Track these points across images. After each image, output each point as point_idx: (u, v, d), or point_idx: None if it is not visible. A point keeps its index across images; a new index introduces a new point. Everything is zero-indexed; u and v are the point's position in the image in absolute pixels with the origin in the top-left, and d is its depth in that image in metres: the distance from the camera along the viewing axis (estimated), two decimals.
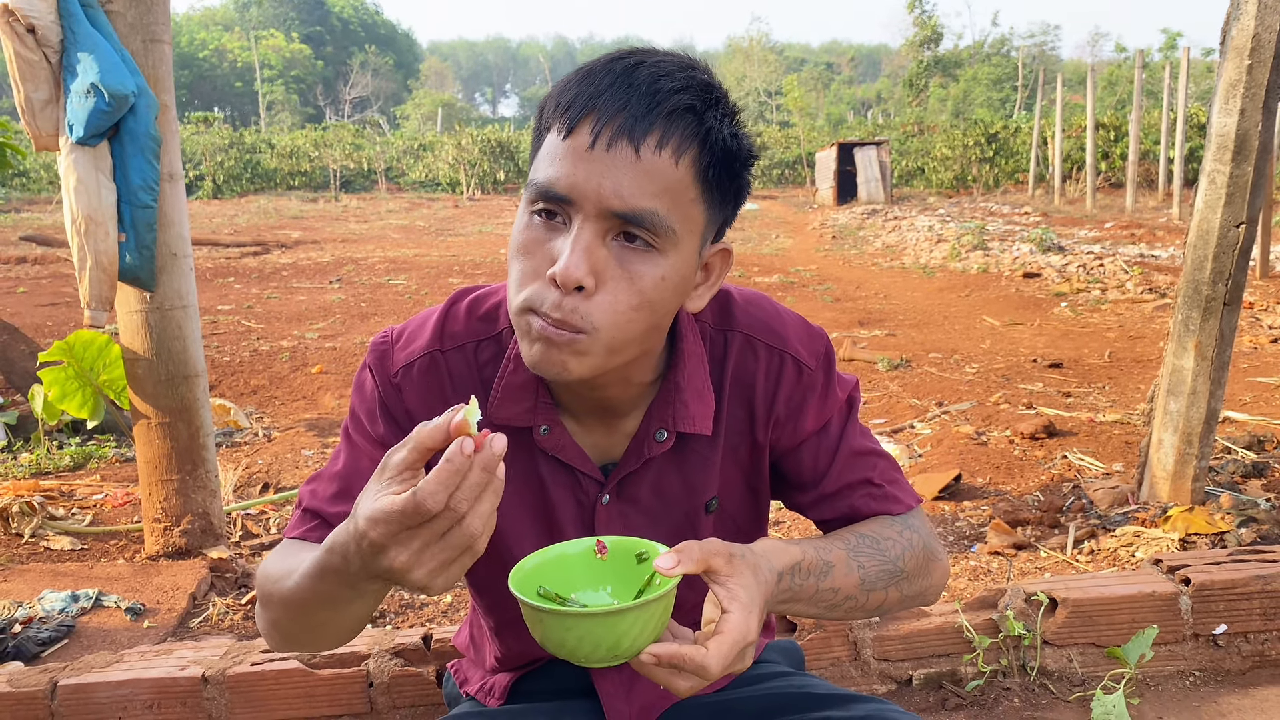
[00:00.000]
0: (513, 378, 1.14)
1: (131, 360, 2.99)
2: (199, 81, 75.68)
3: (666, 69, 0.98)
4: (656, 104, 0.96)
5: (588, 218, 0.97)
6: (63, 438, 4.78)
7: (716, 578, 0.94)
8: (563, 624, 0.88)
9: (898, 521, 1.21)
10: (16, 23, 2.56)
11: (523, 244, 1.02)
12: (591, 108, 0.96)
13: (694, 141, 0.98)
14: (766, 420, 1.21)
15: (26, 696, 1.96)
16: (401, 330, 1.21)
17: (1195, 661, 2.17)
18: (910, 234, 16.06)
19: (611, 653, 0.89)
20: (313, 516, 1.17)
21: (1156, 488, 3.24)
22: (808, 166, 35.07)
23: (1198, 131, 24.25)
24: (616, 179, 0.96)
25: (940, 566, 1.23)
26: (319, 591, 0.98)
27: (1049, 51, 73.91)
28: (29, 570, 3.00)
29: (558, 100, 1.00)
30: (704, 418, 1.17)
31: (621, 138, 0.95)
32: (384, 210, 25.93)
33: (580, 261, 0.96)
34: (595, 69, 0.99)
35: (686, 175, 0.99)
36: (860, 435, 1.25)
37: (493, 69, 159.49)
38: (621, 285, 0.99)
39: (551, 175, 0.98)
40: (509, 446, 0.96)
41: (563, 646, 0.90)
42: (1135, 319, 8.01)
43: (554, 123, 1.00)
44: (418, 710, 2.03)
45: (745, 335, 1.20)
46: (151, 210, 2.77)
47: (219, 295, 10.34)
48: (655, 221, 0.97)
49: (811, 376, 1.21)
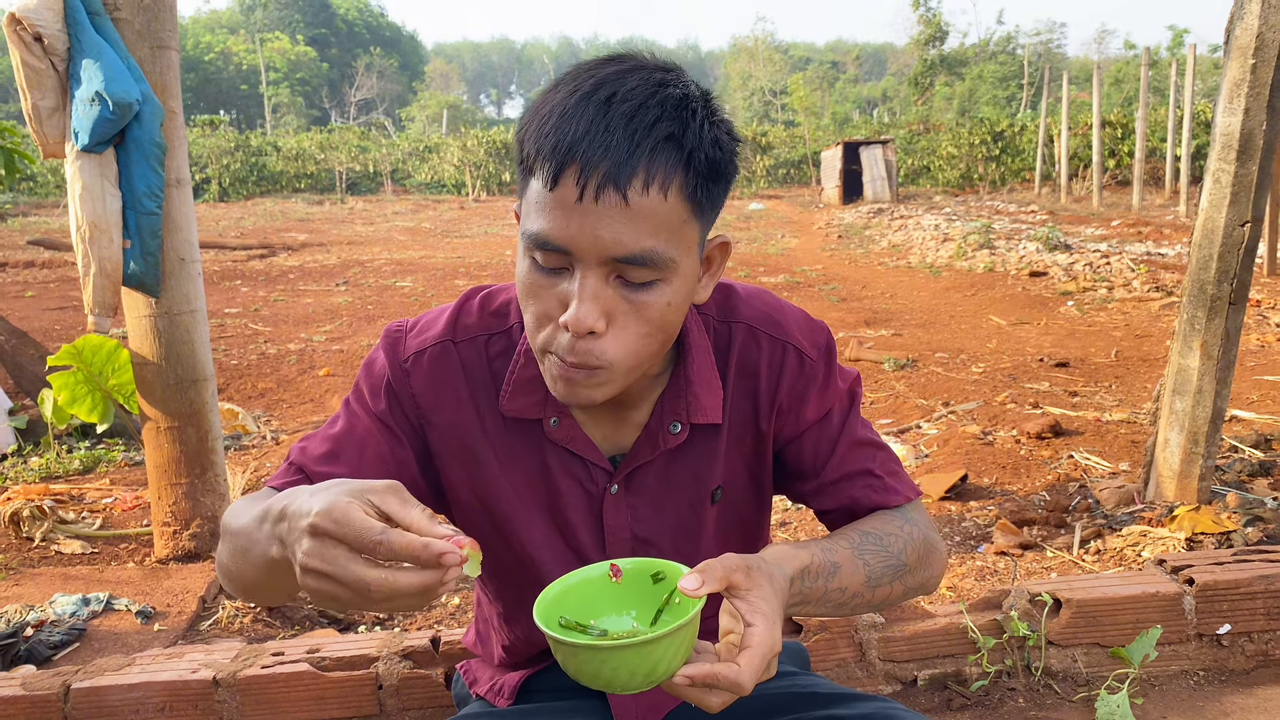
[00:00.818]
0: (523, 372, 1.18)
1: (140, 365, 3.01)
2: (205, 85, 75.86)
3: (640, 96, 0.97)
4: (636, 145, 0.95)
5: (589, 265, 0.99)
6: (72, 442, 4.81)
7: (737, 592, 0.95)
8: (598, 657, 0.88)
9: (898, 515, 1.23)
10: (24, 31, 2.58)
11: (529, 288, 1.04)
12: (572, 157, 0.95)
13: (678, 169, 0.98)
14: (770, 410, 1.23)
15: (40, 699, 1.98)
16: (415, 321, 1.24)
17: (1199, 661, 2.18)
18: (916, 233, 16.05)
19: (648, 679, 0.89)
20: (297, 471, 1.18)
21: (1163, 487, 3.25)
22: (813, 166, 35.03)
23: (1205, 129, 24.17)
24: (611, 229, 0.96)
25: (939, 557, 1.25)
26: (253, 536, 0.98)
27: (1055, 49, 73.72)
28: (40, 574, 3.02)
29: (538, 145, 0.98)
30: (714, 408, 1.20)
31: (608, 186, 0.95)
32: (390, 212, 25.98)
33: (590, 310, 0.99)
34: (569, 109, 0.97)
35: (676, 203, 0.99)
36: (861, 426, 1.28)
37: (498, 70, 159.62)
38: (631, 320, 1.02)
39: (544, 227, 0.98)
40: (520, 438, 1.04)
41: (598, 678, 0.89)
42: (1142, 317, 8.00)
43: (537, 168, 0.99)
44: (427, 712, 2.04)
45: (748, 326, 1.23)
46: (156, 217, 2.79)
47: (226, 298, 10.38)
48: (655, 258, 0.99)
49: (813, 367, 1.23)
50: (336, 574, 0.83)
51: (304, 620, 2.81)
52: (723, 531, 1.29)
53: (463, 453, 1.21)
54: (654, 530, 1.24)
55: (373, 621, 2.83)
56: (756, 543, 1.36)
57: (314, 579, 0.85)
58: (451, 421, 1.20)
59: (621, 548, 1.24)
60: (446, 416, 1.20)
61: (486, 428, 1.20)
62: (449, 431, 1.20)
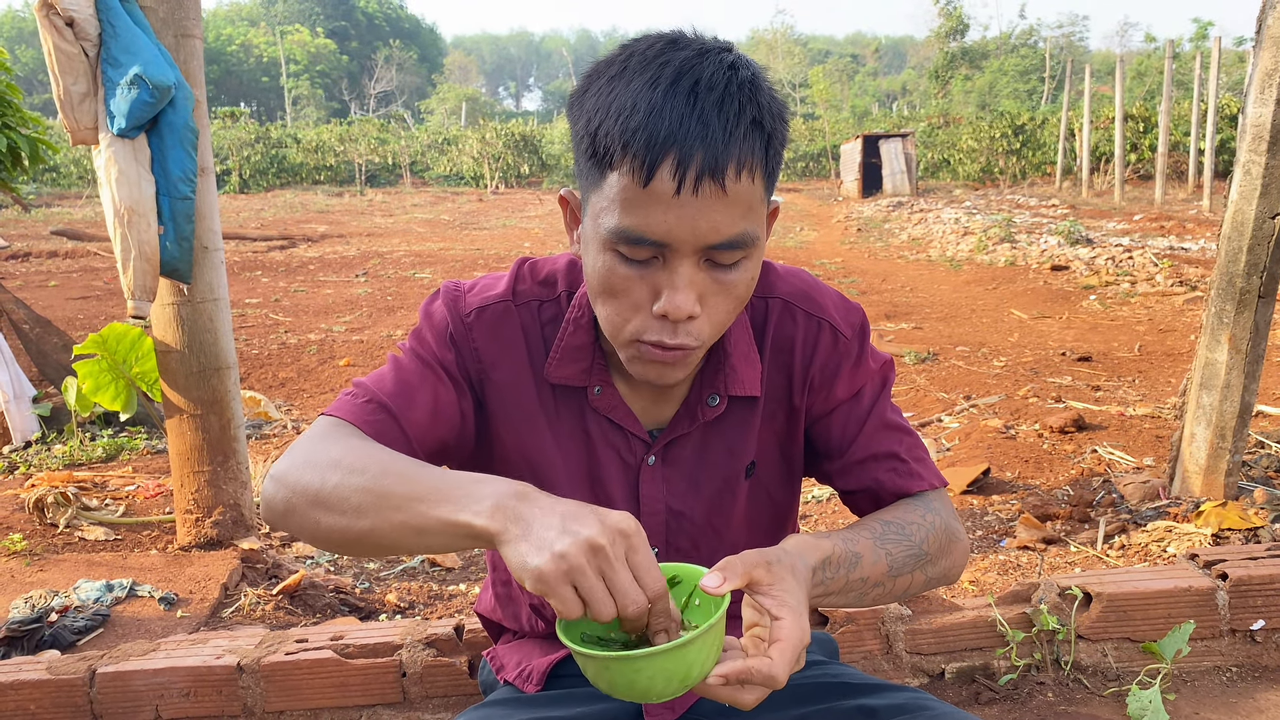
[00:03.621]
0: (571, 339, 1.20)
1: (164, 353, 3.01)
2: (226, 76, 76.14)
3: (720, 82, 0.96)
4: (729, 134, 0.95)
5: (684, 255, 1.00)
6: (95, 429, 4.84)
7: (759, 588, 0.95)
8: (632, 668, 0.87)
9: (920, 504, 1.23)
10: (56, 16, 2.58)
11: (614, 283, 1.04)
12: (668, 150, 0.94)
13: (762, 152, 0.99)
14: (803, 385, 1.24)
15: (65, 684, 1.99)
16: (472, 284, 1.25)
17: (1232, 657, 2.15)
18: (936, 227, 15.96)
19: (683, 684, 0.89)
20: (380, 409, 1.15)
21: (1189, 482, 3.21)
22: (832, 159, 34.90)
23: (1229, 123, 23.92)
24: (709, 218, 0.97)
25: (960, 546, 1.24)
26: (437, 488, 0.96)
27: (1077, 42, 73.15)
28: (64, 560, 3.04)
29: (624, 140, 0.96)
30: (753, 381, 1.22)
31: (705, 177, 0.95)
32: (409, 204, 26.03)
33: (688, 297, 1.01)
34: (656, 101, 0.95)
35: (760, 183, 1.01)
36: (891, 410, 1.28)
37: (516, 62, 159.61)
38: (721, 299, 1.05)
39: (639, 223, 0.98)
40: (566, 404, 1.08)
41: (633, 689, 0.89)
42: (1165, 312, 7.93)
43: (622, 163, 0.97)
44: (450, 700, 2.04)
45: (785, 301, 1.25)
46: (190, 202, 2.79)
47: (247, 289, 10.42)
48: (746, 239, 1.01)
49: (847, 345, 1.24)
50: (612, 577, 0.86)
51: (325, 608, 2.81)
52: (754, 508, 1.29)
53: (517, 412, 1.22)
54: (688, 503, 1.25)
55: (394, 610, 2.83)
56: (785, 524, 1.36)
57: (570, 567, 0.85)
58: (510, 380, 1.21)
59: (656, 519, 1.24)
60: (505, 375, 1.21)
61: (540, 391, 1.22)
62: (506, 390, 1.22)
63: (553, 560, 0.85)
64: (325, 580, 2.99)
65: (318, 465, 1.04)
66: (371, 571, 3.21)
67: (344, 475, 1.01)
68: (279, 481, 1.06)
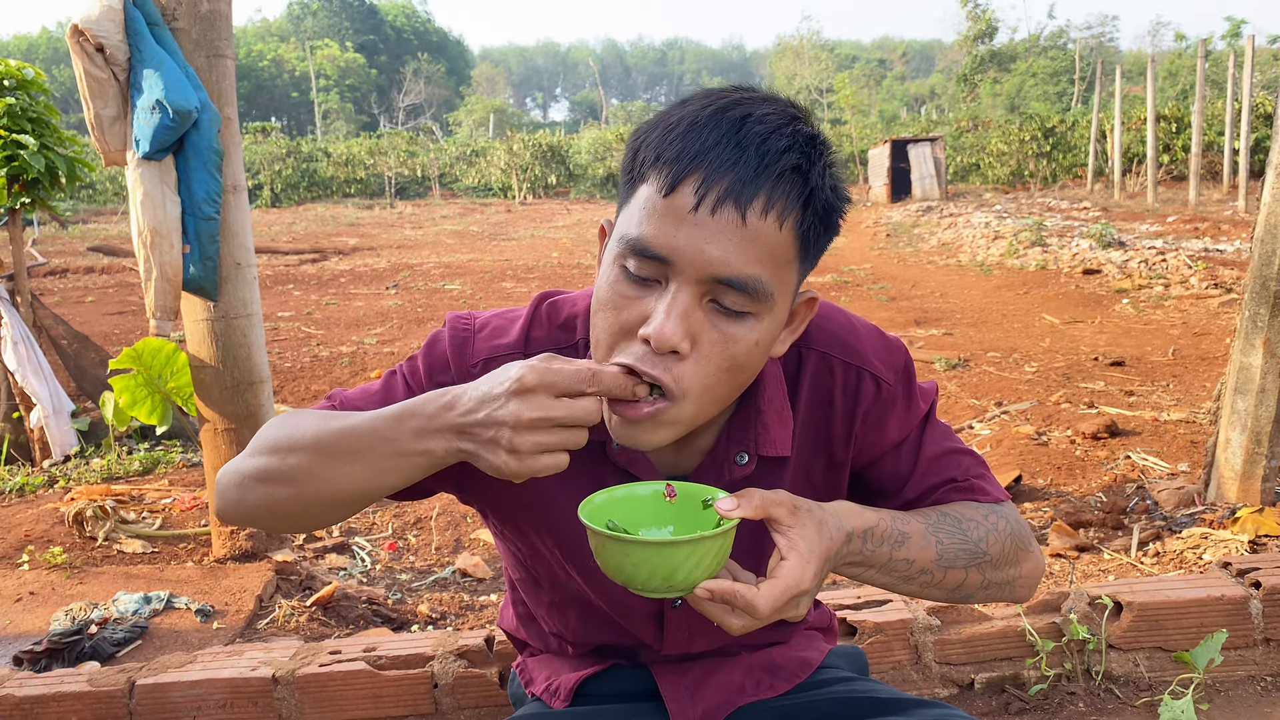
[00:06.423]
0: None
1: (198, 367, 3.06)
2: (257, 92, 77.07)
3: (774, 123, 0.95)
4: (765, 166, 0.93)
5: (686, 281, 0.95)
6: (132, 443, 4.91)
7: (778, 526, 0.96)
8: (622, 550, 0.93)
9: (984, 506, 1.19)
10: (86, 42, 2.64)
11: (612, 298, 1.00)
12: (697, 165, 0.93)
13: (798, 203, 0.96)
14: (846, 438, 1.19)
15: (106, 695, 2.03)
16: (484, 321, 1.19)
17: (1266, 667, 2.12)
18: (966, 231, 15.86)
19: (666, 582, 0.93)
20: (341, 404, 1.17)
21: (1224, 488, 3.18)
22: (860, 164, 34.76)
23: (1264, 122, 23.61)
24: (721, 246, 0.94)
25: (1033, 559, 1.20)
26: (380, 434, 0.99)
27: (1107, 43, 72.45)
28: (103, 573, 3.09)
29: (658, 152, 0.95)
30: (784, 440, 1.16)
31: (728, 201, 0.93)
32: (438, 216, 26.23)
33: (677, 327, 0.95)
34: (700, 120, 0.95)
35: (788, 238, 0.97)
36: (941, 438, 1.23)
37: (543, 73, 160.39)
38: (715, 349, 0.98)
39: (649, 233, 0.95)
40: (579, 455, 1.01)
41: (620, 571, 0.94)
42: (1200, 315, 7.83)
43: (651, 174, 0.96)
44: (482, 711, 2.05)
45: (820, 353, 1.17)
46: (214, 222, 2.84)
47: (279, 302, 10.54)
48: (756, 288, 0.96)
49: (890, 391, 1.18)
50: (562, 416, 0.91)
51: (358, 619, 2.84)
52: None
53: None
54: None
55: (426, 621, 2.86)
56: None
57: (530, 434, 0.90)
58: None
59: None
60: None
61: None
62: None
63: (514, 461, 0.92)
64: (358, 591, 3.02)
65: (266, 453, 1.08)
66: (404, 583, 3.24)
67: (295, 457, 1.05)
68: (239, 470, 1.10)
